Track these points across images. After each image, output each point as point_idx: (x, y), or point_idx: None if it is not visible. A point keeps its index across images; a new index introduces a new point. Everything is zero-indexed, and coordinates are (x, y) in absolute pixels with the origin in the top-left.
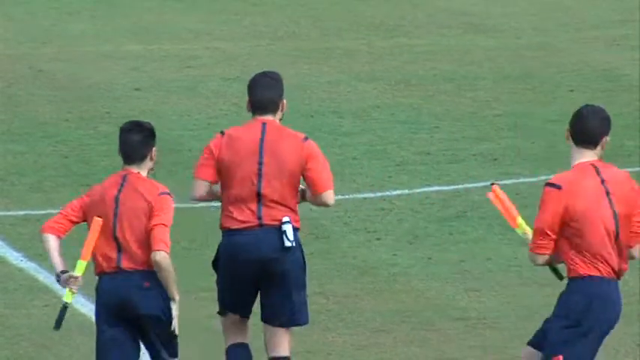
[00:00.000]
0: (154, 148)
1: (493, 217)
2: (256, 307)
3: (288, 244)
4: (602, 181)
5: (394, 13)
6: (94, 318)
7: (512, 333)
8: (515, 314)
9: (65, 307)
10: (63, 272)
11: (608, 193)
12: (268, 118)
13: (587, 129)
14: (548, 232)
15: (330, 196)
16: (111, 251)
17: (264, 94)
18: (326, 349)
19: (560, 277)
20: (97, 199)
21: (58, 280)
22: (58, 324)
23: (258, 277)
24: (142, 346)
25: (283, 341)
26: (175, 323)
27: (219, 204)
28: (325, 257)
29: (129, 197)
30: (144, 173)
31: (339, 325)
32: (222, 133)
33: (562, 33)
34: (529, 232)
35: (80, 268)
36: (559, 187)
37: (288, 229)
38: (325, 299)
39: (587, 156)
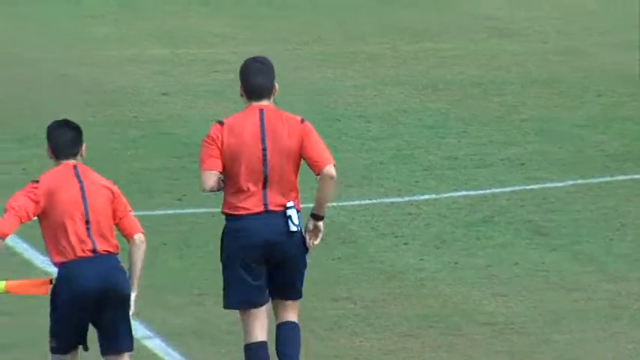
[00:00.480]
0: (84, 145)
1: (520, 222)
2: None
3: (293, 228)
4: None
5: (419, 18)
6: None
7: (539, 338)
8: (543, 319)
9: None
10: None
11: None
12: (264, 103)
13: None
14: None
15: (332, 169)
16: (85, 236)
17: (258, 80)
18: (353, 354)
19: None
20: (56, 190)
21: None
22: None
23: (266, 260)
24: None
25: (295, 311)
26: (133, 307)
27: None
28: (352, 262)
29: (91, 185)
30: None
31: (366, 329)
32: (220, 122)
33: (587, 37)
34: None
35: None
36: None
37: (292, 213)
38: (353, 304)
39: None
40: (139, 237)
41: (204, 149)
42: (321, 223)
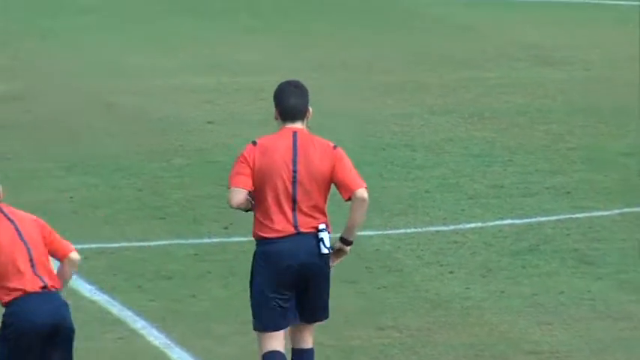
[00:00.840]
0: None
1: (566, 251)
2: None
3: (325, 251)
4: None
5: (464, 47)
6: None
7: None
8: (589, 348)
9: None
10: None
11: None
12: (297, 126)
13: None
14: None
15: (365, 193)
16: (32, 273)
17: (292, 102)
18: None
19: None
20: None
21: None
22: None
23: (297, 282)
24: None
25: (312, 334)
26: None
27: None
28: (398, 291)
29: (23, 222)
30: None
31: (412, 358)
32: (254, 142)
33: (629, 65)
34: None
35: None
36: None
37: (325, 236)
38: (398, 332)
39: None
40: (74, 255)
41: (236, 167)
42: (348, 248)
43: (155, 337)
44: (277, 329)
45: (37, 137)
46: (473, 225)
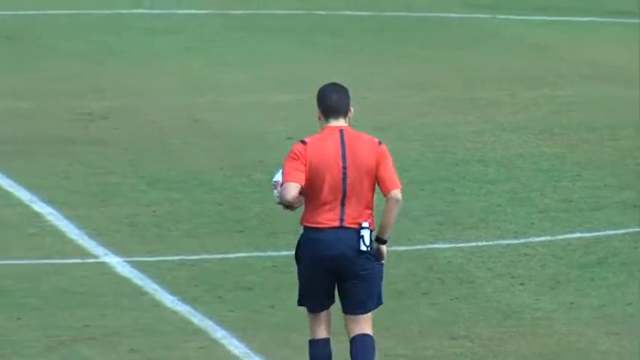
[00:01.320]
0: None
1: (634, 264)
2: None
3: (363, 248)
4: None
5: (537, 65)
6: None
7: None
8: None
9: None
10: None
11: None
12: (341, 123)
13: None
14: None
15: (399, 194)
16: None
17: (334, 98)
18: None
19: None
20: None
21: None
22: None
23: (335, 272)
24: None
25: (367, 323)
26: None
27: None
28: (470, 302)
29: None
30: None
31: None
32: (303, 142)
33: None
34: None
35: None
36: None
37: (366, 234)
38: (471, 342)
39: None
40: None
41: (289, 163)
42: (384, 247)
43: (235, 346)
44: (323, 309)
45: (124, 153)
46: (542, 238)
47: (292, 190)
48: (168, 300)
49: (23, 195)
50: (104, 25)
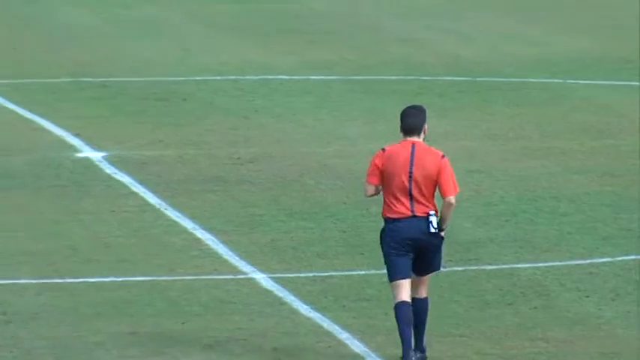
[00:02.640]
0: None
1: None
2: None
3: (432, 230)
4: None
5: (601, 120)
6: None
7: None
8: None
9: None
10: None
11: None
12: (415, 139)
13: None
14: None
15: (453, 199)
16: None
17: (410, 120)
18: None
19: None
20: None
21: None
22: None
23: (412, 249)
24: None
25: (426, 285)
26: None
27: None
28: (546, 310)
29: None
30: None
31: None
32: (383, 150)
33: None
34: None
35: None
36: None
37: (433, 219)
38: (546, 343)
39: None
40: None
41: (370, 168)
42: (442, 233)
43: (356, 346)
44: (405, 277)
45: (267, 191)
46: (605, 259)
47: (369, 189)
48: (303, 309)
49: (187, 224)
50: (254, 88)
